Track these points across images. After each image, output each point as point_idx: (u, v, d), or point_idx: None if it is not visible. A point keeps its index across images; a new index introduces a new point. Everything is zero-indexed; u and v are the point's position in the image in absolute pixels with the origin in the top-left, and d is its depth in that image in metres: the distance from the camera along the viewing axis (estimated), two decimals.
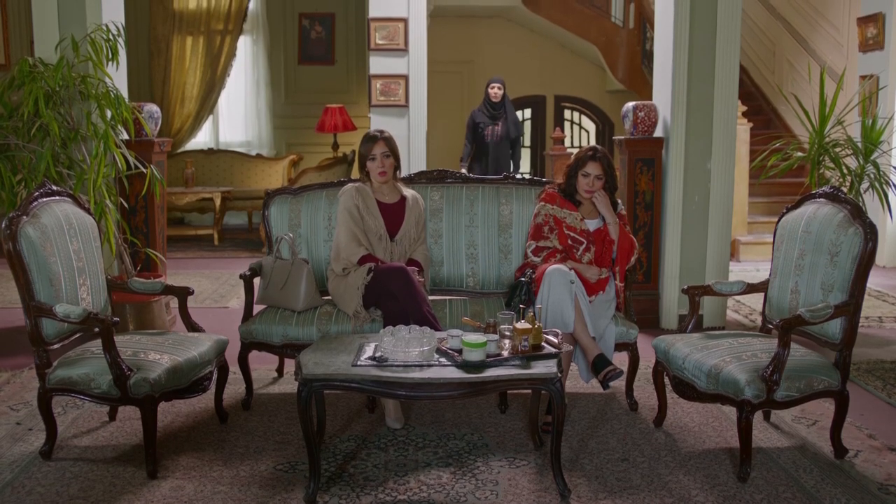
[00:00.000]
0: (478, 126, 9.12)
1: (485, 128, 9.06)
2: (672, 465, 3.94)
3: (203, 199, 10.87)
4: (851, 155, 6.51)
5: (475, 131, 9.15)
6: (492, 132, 9.05)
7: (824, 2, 10.98)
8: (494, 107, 9.08)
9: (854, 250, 3.88)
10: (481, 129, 9.07)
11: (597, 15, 12.65)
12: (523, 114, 14.55)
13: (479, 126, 9.10)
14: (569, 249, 4.66)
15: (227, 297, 7.55)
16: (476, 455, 4.02)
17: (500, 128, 9.05)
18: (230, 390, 4.73)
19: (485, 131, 9.05)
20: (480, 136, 9.10)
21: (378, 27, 8.28)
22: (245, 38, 12.42)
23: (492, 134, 9.06)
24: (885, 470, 3.88)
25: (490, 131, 9.05)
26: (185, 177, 10.84)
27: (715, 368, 3.86)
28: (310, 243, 5.04)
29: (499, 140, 9.07)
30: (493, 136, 9.06)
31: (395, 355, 3.67)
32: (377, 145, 4.68)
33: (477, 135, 9.13)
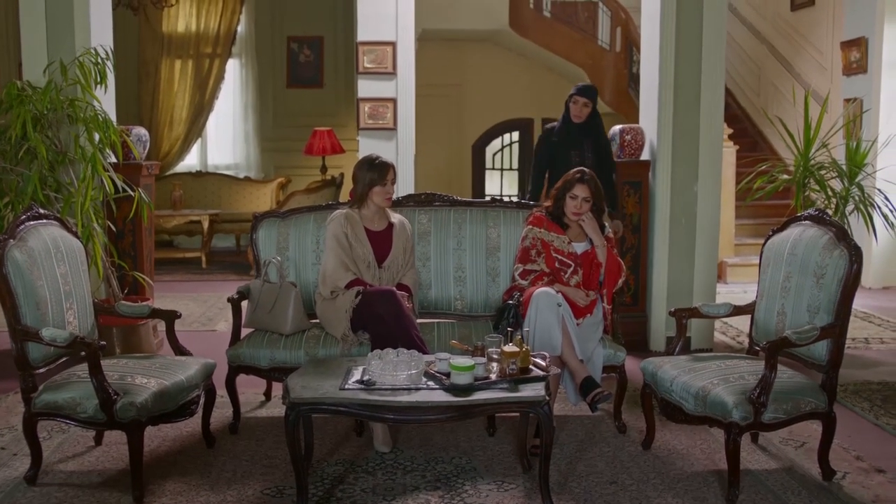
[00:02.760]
0: (555, 151, 6.30)
1: (565, 154, 6.24)
2: (661, 487, 3.94)
3: (191, 222, 10.85)
4: (836, 177, 6.56)
5: (550, 158, 6.34)
6: (580, 161, 6.03)
7: (808, 26, 11.09)
8: (579, 128, 6.26)
9: (839, 272, 3.91)
10: (562, 157, 6.22)
11: (584, 38, 12.72)
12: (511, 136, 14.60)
13: (557, 151, 6.29)
14: (556, 272, 4.67)
15: (214, 321, 7.53)
16: (464, 479, 4.01)
17: (590, 155, 6.24)
18: (217, 414, 4.70)
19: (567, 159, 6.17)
20: (560, 165, 6.07)
21: (366, 51, 8.32)
22: (234, 61, 12.46)
23: (580, 163, 5.95)
24: (873, 491, 3.89)
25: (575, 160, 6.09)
26: (174, 199, 10.83)
27: (703, 391, 3.86)
28: (298, 266, 5.04)
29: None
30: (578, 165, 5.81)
31: (382, 379, 3.67)
32: (389, 172, 4.70)
33: (556, 164, 6.21)
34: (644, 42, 6.81)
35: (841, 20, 9.85)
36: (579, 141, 6.25)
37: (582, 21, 12.88)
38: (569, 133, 6.26)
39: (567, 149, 6.22)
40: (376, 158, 4.75)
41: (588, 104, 6.21)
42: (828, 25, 10.57)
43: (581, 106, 6.24)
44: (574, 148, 6.22)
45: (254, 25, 12.52)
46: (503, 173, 14.70)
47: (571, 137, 6.25)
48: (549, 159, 6.34)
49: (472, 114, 13.93)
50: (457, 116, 13.90)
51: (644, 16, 6.74)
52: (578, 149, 6.23)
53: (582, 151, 6.24)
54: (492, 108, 13.89)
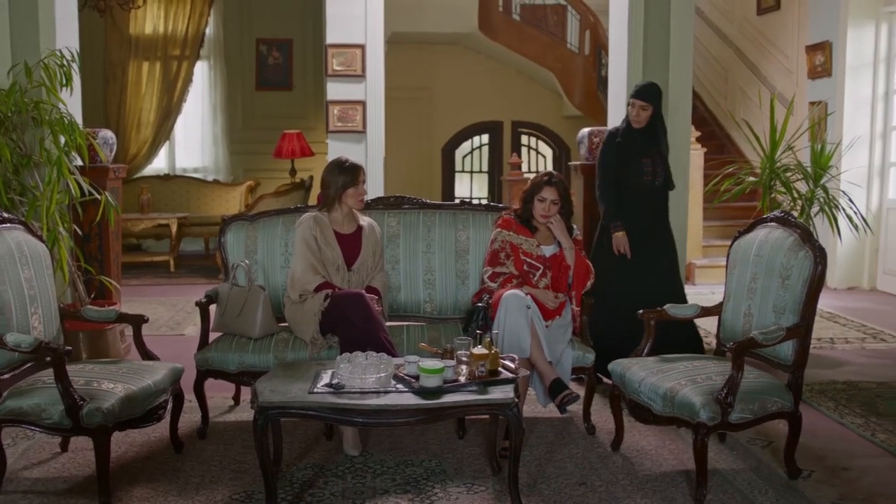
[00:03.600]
0: (624, 159, 5.56)
1: (634, 162, 5.54)
2: (629, 488, 3.96)
3: (159, 226, 10.77)
4: (802, 179, 6.64)
5: (619, 168, 5.58)
6: (652, 171, 5.56)
7: (774, 30, 11.21)
8: (642, 134, 5.57)
9: (804, 273, 3.95)
10: (631, 166, 5.54)
11: (553, 42, 12.78)
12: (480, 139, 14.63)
13: (623, 159, 5.56)
14: (525, 275, 4.68)
15: (183, 325, 7.48)
16: (434, 481, 4.00)
17: (660, 164, 5.60)
18: (186, 419, 4.67)
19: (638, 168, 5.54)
20: (631, 176, 5.56)
21: (335, 53, 8.32)
22: (202, 63, 12.39)
23: (652, 174, 5.57)
24: (838, 490, 3.94)
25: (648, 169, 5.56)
26: (141, 203, 10.74)
27: (670, 391, 3.89)
28: (266, 270, 5.01)
29: (661, 182, 5.64)
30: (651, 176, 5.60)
31: (351, 382, 3.66)
32: (360, 173, 4.73)
33: (625, 173, 5.56)
34: (612, 45, 6.85)
35: (806, 24, 9.97)
36: (646, 148, 5.54)
37: (551, 24, 12.95)
38: (632, 139, 5.57)
39: (636, 156, 5.52)
40: (346, 161, 4.76)
41: (647, 107, 5.47)
42: (793, 29, 10.69)
43: (638, 110, 5.50)
44: (644, 155, 5.53)
45: (222, 27, 12.46)
46: (473, 176, 14.73)
47: (635, 144, 5.55)
48: (616, 167, 5.58)
49: (441, 116, 13.95)
50: (426, 119, 13.91)
51: (612, 19, 6.79)
52: (649, 156, 5.54)
53: (653, 159, 5.54)
54: (461, 110, 13.92)
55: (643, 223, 5.57)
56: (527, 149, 14.64)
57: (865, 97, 9.08)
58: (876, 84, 9.08)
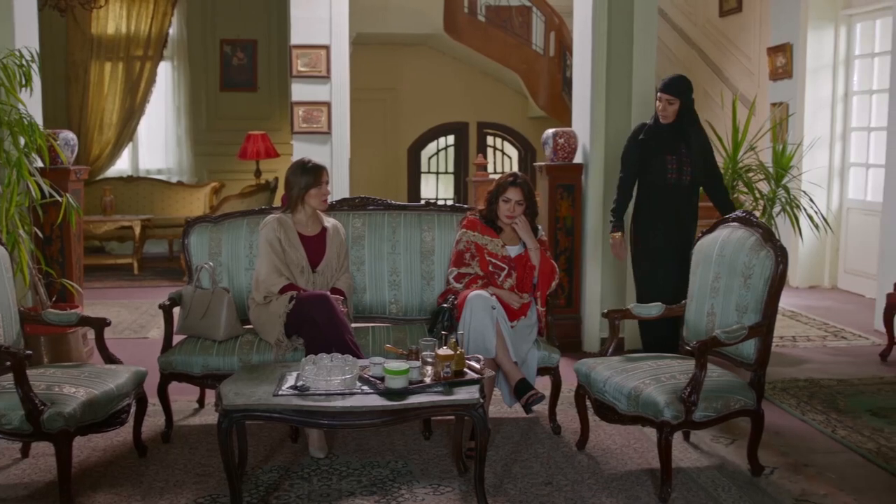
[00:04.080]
0: (645, 154, 5.46)
1: (658, 158, 5.40)
2: (595, 487, 3.98)
3: (122, 228, 10.65)
4: (764, 180, 6.72)
5: (641, 162, 5.49)
6: (678, 169, 5.38)
7: (736, 32, 11.32)
8: (670, 130, 5.43)
9: (766, 272, 4.00)
10: (655, 161, 5.41)
11: (518, 43, 12.81)
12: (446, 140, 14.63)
13: (647, 154, 5.45)
14: (490, 275, 4.69)
15: (146, 328, 7.41)
16: (400, 483, 4.00)
17: (689, 162, 5.41)
18: (149, 423, 4.63)
19: (661, 164, 5.39)
20: (654, 174, 5.42)
21: (300, 54, 8.28)
22: (165, 64, 12.27)
23: (677, 172, 5.38)
24: (800, 486, 3.99)
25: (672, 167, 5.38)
26: (104, 205, 10.63)
27: (635, 391, 3.92)
28: (231, 272, 4.98)
29: (688, 181, 5.44)
30: (676, 174, 5.40)
31: (316, 384, 3.65)
32: (323, 174, 4.72)
33: (649, 169, 5.45)
34: (576, 47, 6.88)
35: (767, 26, 10.08)
36: (672, 144, 5.37)
37: (516, 26, 12.97)
38: (659, 134, 5.40)
39: (660, 152, 5.36)
40: (309, 162, 4.74)
41: (673, 101, 5.33)
42: (755, 31, 10.79)
43: (665, 104, 5.36)
44: (669, 152, 5.36)
45: (186, 28, 12.35)
46: (439, 177, 14.73)
47: (663, 139, 5.38)
48: (638, 163, 5.48)
49: (407, 117, 13.93)
50: (392, 120, 13.89)
51: (576, 21, 6.82)
52: (674, 153, 5.37)
53: (679, 156, 5.37)
54: (427, 111, 13.91)
55: (669, 224, 5.42)
56: (492, 150, 14.66)
57: (825, 98, 9.20)
58: (836, 86, 9.20)
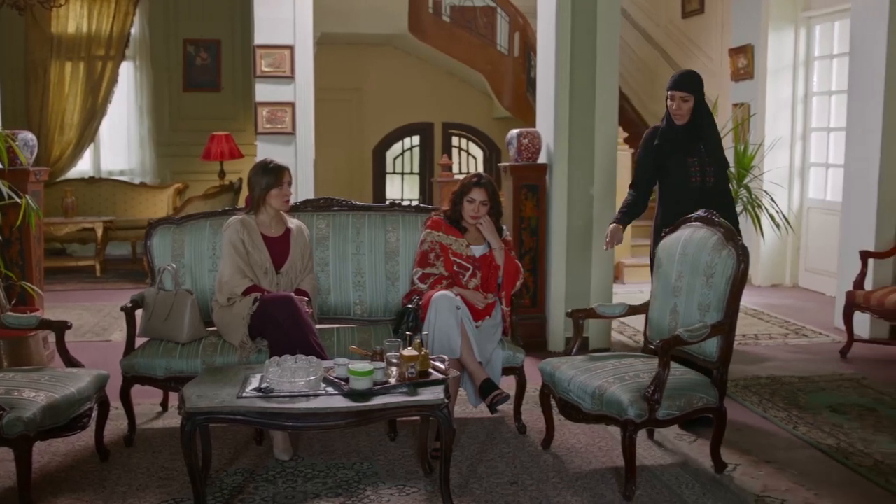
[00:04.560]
0: (661, 157, 5.09)
1: (678, 161, 5.02)
2: (560, 486, 4.00)
3: (84, 230, 10.52)
4: None
5: (658, 166, 5.13)
6: (700, 171, 5.00)
7: (698, 33, 11.42)
8: (686, 131, 5.04)
9: (728, 271, 4.04)
10: (674, 164, 5.04)
11: (483, 44, 12.83)
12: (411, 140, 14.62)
13: (664, 157, 5.08)
14: (455, 276, 4.70)
15: (109, 330, 7.33)
16: (366, 484, 4.00)
17: (710, 164, 5.03)
18: (112, 426, 4.58)
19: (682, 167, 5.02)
20: (676, 179, 5.06)
21: (264, 54, 8.24)
22: (128, 64, 12.14)
23: (701, 174, 5.00)
24: (762, 482, 4.03)
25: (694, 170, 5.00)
26: (65, 206, 10.49)
27: (599, 390, 3.94)
28: (194, 274, 4.94)
29: (712, 182, 5.04)
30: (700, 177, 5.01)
31: (280, 386, 3.63)
32: (284, 174, 4.69)
33: (668, 172, 5.10)
34: (540, 47, 6.90)
35: (729, 28, 10.18)
36: (689, 145, 4.98)
37: (481, 26, 12.99)
38: (675, 136, 5.01)
39: (679, 156, 4.98)
40: (270, 162, 4.72)
41: (687, 98, 4.92)
42: (717, 33, 10.90)
43: (678, 102, 4.96)
44: (689, 154, 4.98)
45: (148, 27, 12.22)
46: (404, 177, 14.72)
47: (679, 141, 4.99)
48: (654, 166, 5.11)
49: (372, 118, 13.90)
50: (357, 120, 13.85)
51: (540, 21, 6.84)
52: (694, 155, 4.98)
53: (701, 158, 4.98)
54: (392, 112, 13.89)
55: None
56: (457, 150, 14.68)
57: (786, 99, 9.30)
58: (796, 86, 9.31)
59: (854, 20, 7.13)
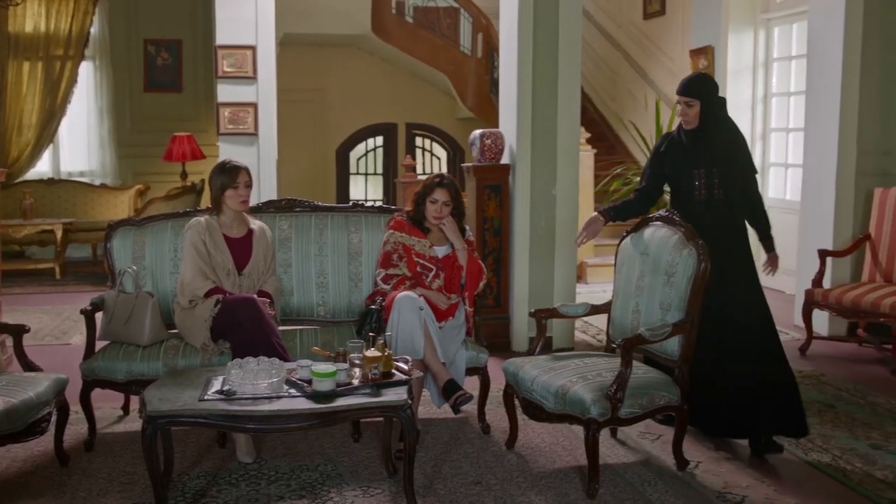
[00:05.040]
0: (671, 170, 4.65)
1: (685, 173, 4.55)
2: (524, 485, 4.01)
3: (43, 232, 10.37)
4: None
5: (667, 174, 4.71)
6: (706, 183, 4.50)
7: (660, 34, 11.52)
8: (693, 139, 4.54)
9: (689, 271, 4.08)
10: (682, 176, 4.58)
11: (446, 44, 12.85)
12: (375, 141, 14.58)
13: (672, 167, 4.64)
14: (418, 276, 4.70)
15: (69, 334, 7.24)
16: (330, 485, 3.98)
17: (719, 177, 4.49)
18: (72, 431, 4.53)
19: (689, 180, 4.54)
20: (682, 192, 4.61)
21: (226, 55, 8.19)
22: (87, 64, 12.00)
23: (706, 188, 4.50)
24: (723, 479, 4.08)
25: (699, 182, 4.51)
26: (24, 208, 10.34)
27: (562, 389, 3.96)
28: (155, 276, 4.90)
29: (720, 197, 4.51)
30: (705, 190, 4.50)
31: (243, 388, 3.61)
32: (241, 175, 4.64)
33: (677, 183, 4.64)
34: (503, 48, 6.93)
35: (690, 29, 10.27)
36: (697, 156, 4.48)
37: (444, 27, 13.01)
38: (681, 144, 4.56)
39: (686, 166, 4.52)
40: (228, 162, 4.69)
41: (692, 103, 4.43)
42: (677, 34, 11.01)
43: (683, 107, 4.48)
44: (694, 165, 4.48)
45: (108, 27, 12.09)
46: (368, 178, 14.70)
47: (685, 150, 4.54)
48: (658, 175, 4.72)
49: (335, 118, 13.88)
50: (320, 121, 13.81)
51: (502, 22, 6.87)
52: (701, 167, 4.47)
53: (708, 170, 4.46)
54: (355, 112, 13.88)
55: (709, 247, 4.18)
56: (421, 150, 14.69)
57: (746, 100, 9.41)
58: (756, 87, 9.43)
59: (811, 22, 7.23)
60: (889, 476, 4.11)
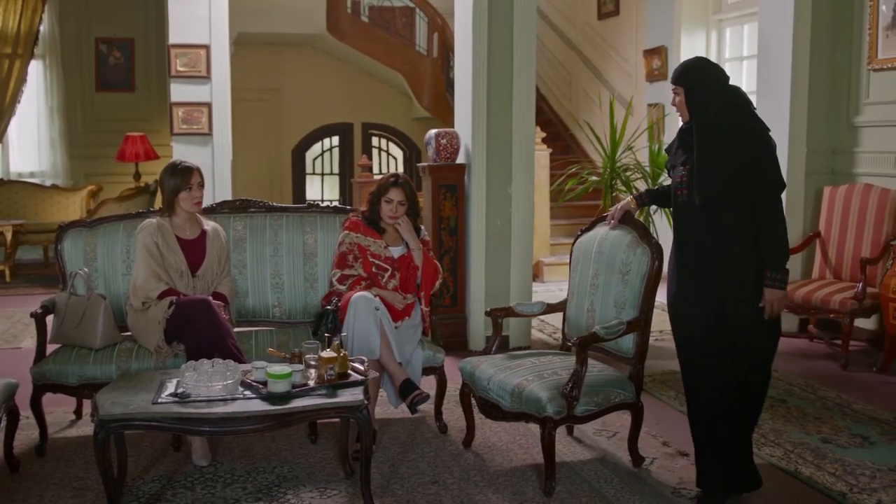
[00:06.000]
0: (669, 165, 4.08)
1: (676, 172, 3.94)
2: (481, 484, 4.02)
3: None
4: (641, 178, 6.91)
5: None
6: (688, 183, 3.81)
7: (614, 34, 11.61)
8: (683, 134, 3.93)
9: (642, 269, 4.12)
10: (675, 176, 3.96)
11: (402, 44, 12.83)
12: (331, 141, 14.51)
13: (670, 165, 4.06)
14: (374, 277, 4.69)
15: (20, 338, 7.13)
16: (286, 487, 3.96)
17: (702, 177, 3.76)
18: (23, 436, 4.45)
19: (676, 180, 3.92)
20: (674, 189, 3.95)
21: (179, 54, 8.10)
22: (37, 62, 11.81)
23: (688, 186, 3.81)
24: (678, 475, 4.12)
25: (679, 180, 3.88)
26: None
27: (518, 388, 3.97)
28: (107, 278, 4.83)
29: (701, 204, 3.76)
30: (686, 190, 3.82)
31: (197, 390, 3.58)
32: (194, 175, 4.59)
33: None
34: (458, 48, 6.94)
35: (643, 29, 10.38)
36: (683, 153, 3.89)
37: (400, 26, 12.99)
38: (677, 139, 3.99)
39: (676, 163, 3.94)
40: (179, 163, 4.64)
41: (677, 90, 3.92)
42: (631, 34, 11.10)
43: (673, 96, 3.96)
44: (682, 161, 3.87)
45: (58, 25, 11.91)
46: (324, 178, 14.64)
47: (677, 145, 3.98)
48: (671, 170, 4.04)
49: (291, 118, 13.80)
50: (275, 121, 13.73)
51: (457, 22, 6.88)
52: (686, 164, 3.83)
53: (691, 171, 3.80)
54: (311, 112, 13.81)
55: (687, 255, 3.85)
56: (377, 150, 14.66)
57: None
58: None
59: (762, 23, 7.33)
60: (839, 469, 4.19)
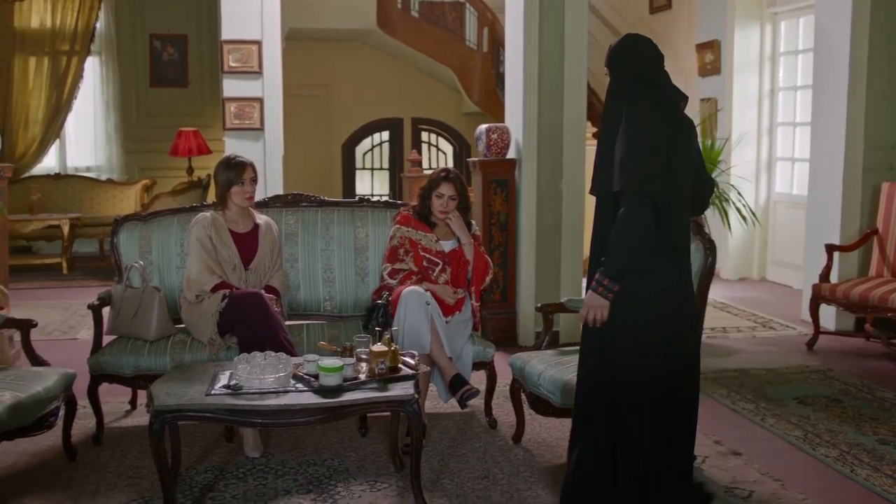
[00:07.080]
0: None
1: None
2: (531, 480, 4.01)
3: (50, 227, 10.41)
4: None
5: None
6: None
7: (666, 29, 11.48)
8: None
9: (696, 265, 4.05)
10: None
11: (452, 39, 12.83)
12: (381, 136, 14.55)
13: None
14: (424, 271, 4.70)
15: (76, 329, 7.26)
16: (337, 480, 3.99)
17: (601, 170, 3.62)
18: (80, 425, 4.54)
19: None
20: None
21: (231, 49, 8.18)
22: (93, 59, 12.01)
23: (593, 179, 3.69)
24: (731, 473, 4.07)
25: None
26: (31, 203, 10.38)
27: (569, 384, 3.95)
28: (161, 271, 4.90)
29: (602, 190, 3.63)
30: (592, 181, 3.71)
31: (250, 383, 3.62)
32: (247, 171, 4.63)
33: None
34: (508, 42, 6.91)
35: (696, 23, 10.25)
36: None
37: (450, 21, 12.99)
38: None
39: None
40: (233, 158, 4.68)
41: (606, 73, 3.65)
42: (684, 28, 10.97)
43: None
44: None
45: (114, 22, 12.11)
46: (374, 173, 14.70)
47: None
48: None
49: (341, 113, 13.86)
50: (326, 116, 13.80)
51: (508, 16, 6.85)
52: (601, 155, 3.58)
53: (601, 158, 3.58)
54: (361, 107, 13.86)
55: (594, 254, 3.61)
56: (427, 145, 14.68)
57: (752, 94, 9.38)
58: (762, 82, 9.40)
59: (818, 16, 7.21)
60: None
